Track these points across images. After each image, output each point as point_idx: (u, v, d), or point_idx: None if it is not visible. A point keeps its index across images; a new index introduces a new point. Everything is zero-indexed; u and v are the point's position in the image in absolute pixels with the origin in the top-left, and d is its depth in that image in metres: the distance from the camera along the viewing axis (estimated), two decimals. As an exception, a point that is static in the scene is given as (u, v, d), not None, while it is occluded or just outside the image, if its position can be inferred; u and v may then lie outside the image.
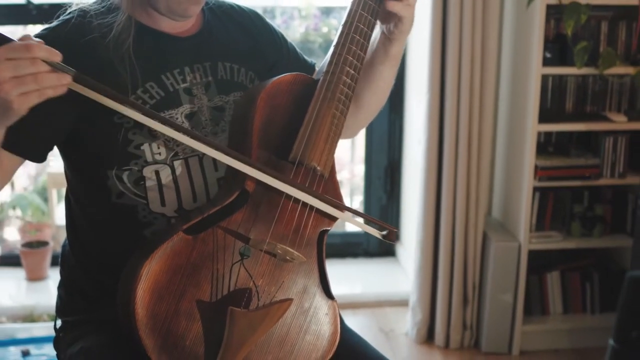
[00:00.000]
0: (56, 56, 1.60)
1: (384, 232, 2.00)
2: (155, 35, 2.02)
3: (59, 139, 1.95)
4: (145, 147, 1.94)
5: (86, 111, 1.90)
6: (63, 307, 2.15)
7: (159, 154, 1.96)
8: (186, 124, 1.99)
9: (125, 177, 1.95)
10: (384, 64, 2.09)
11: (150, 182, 1.96)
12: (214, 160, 1.95)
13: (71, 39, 1.94)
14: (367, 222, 2.04)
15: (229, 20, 2.18)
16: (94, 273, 2.05)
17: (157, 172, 1.96)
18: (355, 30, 1.97)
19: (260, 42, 2.21)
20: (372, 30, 2.00)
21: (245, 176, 1.83)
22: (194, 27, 2.10)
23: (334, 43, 1.98)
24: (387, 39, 2.04)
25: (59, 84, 1.60)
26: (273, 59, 2.22)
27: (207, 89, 2.05)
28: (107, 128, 1.93)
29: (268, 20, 2.28)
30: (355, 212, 1.98)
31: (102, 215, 2.02)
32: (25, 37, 1.63)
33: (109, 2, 2.01)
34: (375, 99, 2.17)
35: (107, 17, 1.97)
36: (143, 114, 1.75)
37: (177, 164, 1.97)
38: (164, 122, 1.78)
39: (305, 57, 2.31)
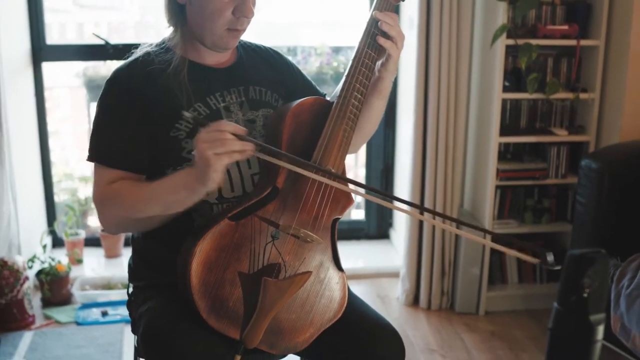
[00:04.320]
0: (240, 130, 1.75)
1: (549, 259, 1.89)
2: (202, 68, 2.06)
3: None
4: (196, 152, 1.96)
5: (151, 133, 1.95)
6: (133, 274, 2.17)
7: None
8: None
9: None
10: (375, 97, 2.09)
11: None
12: (248, 159, 1.99)
13: (140, 71, 2.00)
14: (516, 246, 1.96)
15: (256, 56, 2.22)
16: (156, 247, 2.07)
17: None
18: (362, 64, 1.99)
19: (281, 73, 2.23)
20: (374, 64, 2.01)
21: (276, 175, 1.85)
22: (230, 60, 2.13)
23: (345, 74, 2.00)
24: (377, 77, 2.05)
25: (243, 148, 1.73)
26: (292, 87, 2.23)
27: (242, 107, 2.07)
28: (166, 141, 1.96)
29: (287, 56, 2.31)
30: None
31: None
32: (220, 122, 1.77)
33: (165, 45, 2.06)
34: (369, 123, 2.17)
35: (166, 55, 2.03)
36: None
37: None
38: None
39: (318, 88, 2.32)
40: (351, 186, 1.91)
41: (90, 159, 2.00)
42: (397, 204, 1.87)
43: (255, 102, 2.11)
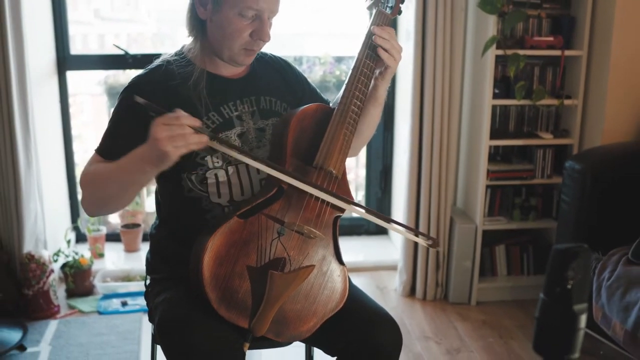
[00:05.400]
0: (197, 122, 1.72)
1: (430, 242, 2.00)
2: (218, 79, 2.05)
3: None
4: (208, 158, 1.97)
5: None
6: (150, 267, 2.18)
7: (217, 162, 1.97)
8: (238, 141, 2.01)
9: (193, 178, 1.98)
10: (371, 104, 2.09)
11: (211, 181, 1.98)
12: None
13: (163, 81, 2.00)
14: (408, 231, 2.01)
15: (268, 66, 2.20)
16: (172, 243, 2.08)
17: (215, 175, 1.98)
18: (361, 73, 1.99)
19: (289, 82, 2.22)
20: (372, 73, 2.01)
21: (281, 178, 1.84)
22: (243, 71, 2.12)
23: (346, 82, 2.00)
24: (373, 86, 2.05)
25: (200, 140, 1.72)
26: (299, 94, 2.23)
27: (253, 116, 2.06)
28: None
29: (295, 66, 2.30)
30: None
31: (177, 204, 2.05)
32: (177, 111, 1.73)
33: (185, 57, 2.06)
34: (366, 128, 2.16)
35: (186, 68, 2.02)
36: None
37: (230, 168, 1.99)
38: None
39: (322, 95, 2.32)
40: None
41: (95, 149, 2.01)
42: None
43: (265, 111, 2.11)
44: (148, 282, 2.18)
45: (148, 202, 4.76)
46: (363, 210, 1.94)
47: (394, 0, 2.08)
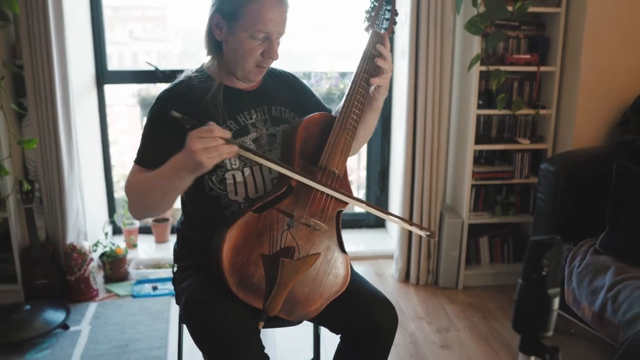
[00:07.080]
0: (228, 134, 1.70)
1: (428, 233, 1.99)
2: (234, 92, 2.04)
3: None
4: (227, 161, 1.96)
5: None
6: (177, 256, 2.18)
7: (235, 164, 1.97)
8: (253, 145, 2.01)
9: (213, 178, 1.97)
10: (369, 112, 2.09)
11: (229, 181, 1.97)
12: (269, 169, 1.97)
13: (185, 95, 1.99)
14: (405, 222, 2.00)
15: (278, 80, 2.20)
16: (196, 235, 2.08)
17: (233, 175, 1.97)
18: (359, 86, 1.99)
19: (297, 93, 2.22)
20: (369, 85, 2.01)
21: (290, 177, 1.84)
22: (256, 84, 2.12)
23: (346, 94, 2.00)
24: (371, 97, 2.05)
25: (231, 151, 1.71)
26: (305, 104, 2.22)
27: (265, 123, 2.06)
28: None
29: (301, 80, 2.29)
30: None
31: (200, 202, 2.04)
32: (210, 124, 1.71)
33: (205, 73, 2.06)
34: (364, 132, 2.16)
35: (205, 82, 2.02)
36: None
37: (247, 169, 1.99)
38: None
39: (325, 105, 2.31)
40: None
41: (134, 161, 1.99)
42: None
43: (276, 119, 2.10)
44: (175, 269, 2.18)
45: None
46: (363, 204, 1.93)
47: (387, 22, 2.08)
